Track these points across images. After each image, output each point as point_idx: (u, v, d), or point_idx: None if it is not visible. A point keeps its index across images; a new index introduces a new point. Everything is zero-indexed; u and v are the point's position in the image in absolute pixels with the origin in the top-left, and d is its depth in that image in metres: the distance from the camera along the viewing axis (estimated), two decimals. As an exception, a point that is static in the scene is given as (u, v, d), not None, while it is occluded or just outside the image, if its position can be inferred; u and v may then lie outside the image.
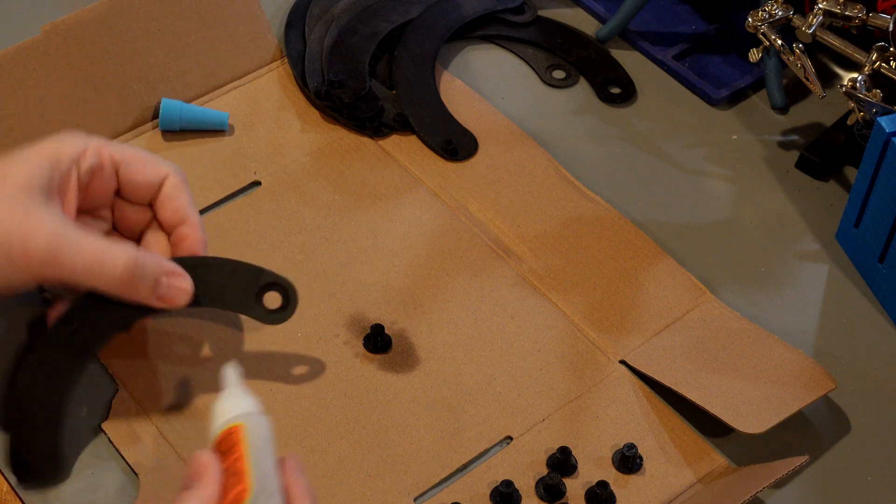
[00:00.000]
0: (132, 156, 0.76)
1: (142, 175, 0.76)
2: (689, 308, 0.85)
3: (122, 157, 0.76)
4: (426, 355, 0.82)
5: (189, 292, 0.74)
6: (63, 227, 0.71)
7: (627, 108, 0.99)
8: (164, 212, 0.77)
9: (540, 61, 1.02)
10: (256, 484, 0.60)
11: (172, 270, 0.73)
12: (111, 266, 0.71)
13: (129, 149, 0.77)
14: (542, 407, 0.79)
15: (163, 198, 0.77)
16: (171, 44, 0.93)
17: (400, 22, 1.00)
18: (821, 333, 0.85)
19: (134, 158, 0.76)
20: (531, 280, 0.86)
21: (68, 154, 0.74)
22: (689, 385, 0.79)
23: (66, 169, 0.73)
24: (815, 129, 0.97)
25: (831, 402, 0.81)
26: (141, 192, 0.77)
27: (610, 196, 0.91)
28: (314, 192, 0.90)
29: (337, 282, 0.85)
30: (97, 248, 0.71)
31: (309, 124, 0.94)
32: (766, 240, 0.90)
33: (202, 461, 0.62)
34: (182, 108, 0.92)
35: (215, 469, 0.62)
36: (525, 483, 0.76)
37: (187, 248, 0.76)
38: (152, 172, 0.77)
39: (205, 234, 0.77)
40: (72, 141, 0.75)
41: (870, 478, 0.78)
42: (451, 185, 0.91)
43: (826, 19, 0.95)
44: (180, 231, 0.77)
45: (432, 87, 0.97)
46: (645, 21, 1.04)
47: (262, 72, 0.97)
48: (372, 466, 0.76)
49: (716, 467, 0.77)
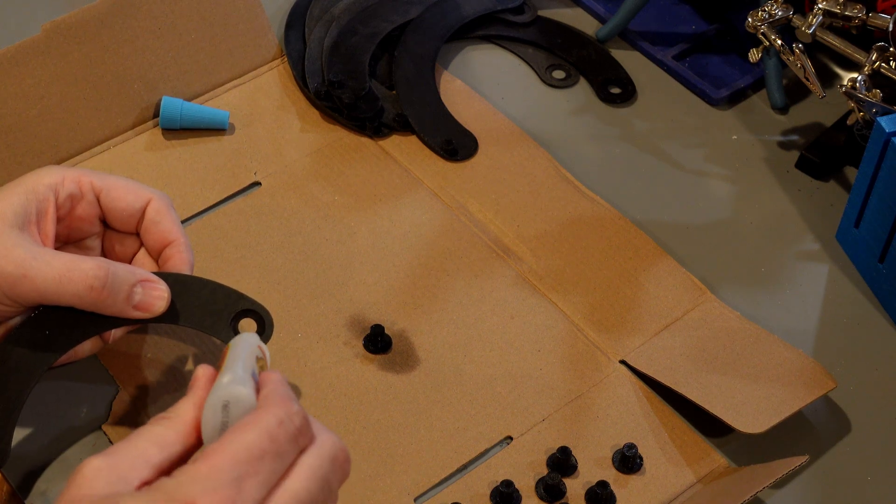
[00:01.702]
0: (114, 183, 0.77)
1: (124, 201, 0.76)
2: (689, 308, 0.85)
3: (103, 185, 0.76)
4: (426, 355, 0.82)
5: (165, 298, 0.73)
6: (32, 249, 0.71)
7: (627, 108, 0.99)
8: (150, 236, 0.77)
9: (540, 61, 1.02)
10: (227, 371, 0.62)
11: (146, 278, 0.73)
12: (80, 276, 0.71)
13: (111, 177, 0.77)
14: (542, 407, 0.79)
15: (147, 223, 0.77)
16: (171, 43, 0.93)
17: (400, 22, 1.00)
18: (821, 333, 0.85)
19: (116, 185, 0.77)
20: (531, 280, 0.86)
21: (46, 183, 0.74)
22: (689, 385, 0.79)
23: (42, 197, 0.74)
24: (815, 129, 0.97)
25: (831, 402, 0.81)
26: (125, 219, 0.77)
27: (610, 196, 0.91)
28: (314, 192, 0.90)
29: (337, 282, 0.85)
30: (65, 261, 0.71)
31: (309, 124, 0.94)
32: (766, 240, 0.90)
33: (197, 373, 0.64)
34: (183, 107, 0.92)
35: (207, 376, 0.64)
36: (525, 483, 0.76)
37: (172, 269, 0.76)
38: (134, 198, 0.77)
39: (191, 255, 0.77)
40: (50, 171, 0.75)
41: (870, 478, 0.78)
42: (451, 185, 0.91)
43: (826, 19, 0.95)
44: (166, 252, 0.77)
45: (432, 87, 0.97)
46: (645, 21, 1.04)
47: (263, 71, 0.97)
48: (372, 466, 0.76)
49: (716, 467, 0.77)
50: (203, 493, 0.56)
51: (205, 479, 0.57)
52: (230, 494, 0.57)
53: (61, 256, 0.71)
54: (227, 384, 0.61)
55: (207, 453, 0.58)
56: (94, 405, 0.78)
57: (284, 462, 0.60)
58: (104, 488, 0.58)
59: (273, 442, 0.59)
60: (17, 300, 0.72)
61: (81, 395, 0.78)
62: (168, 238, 0.76)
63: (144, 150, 0.92)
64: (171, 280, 0.74)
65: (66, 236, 0.77)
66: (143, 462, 0.59)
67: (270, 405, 0.60)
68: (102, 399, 0.78)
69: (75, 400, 0.78)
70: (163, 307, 0.73)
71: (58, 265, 0.71)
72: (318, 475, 0.60)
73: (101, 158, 0.91)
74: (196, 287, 0.75)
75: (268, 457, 0.59)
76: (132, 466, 0.59)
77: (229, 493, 0.57)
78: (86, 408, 0.78)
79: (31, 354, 0.73)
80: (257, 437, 0.59)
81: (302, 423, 0.60)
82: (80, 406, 0.78)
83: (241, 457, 0.58)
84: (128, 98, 0.92)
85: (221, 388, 0.61)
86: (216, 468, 0.57)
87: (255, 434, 0.59)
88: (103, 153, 0.91)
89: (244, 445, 0.58)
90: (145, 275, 0.73)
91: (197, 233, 0.87)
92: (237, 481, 0.57)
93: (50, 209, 0.74)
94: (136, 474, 0.59)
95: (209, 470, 0.57)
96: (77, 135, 0.90)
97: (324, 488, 0.60)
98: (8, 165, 0.88)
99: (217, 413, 0.61)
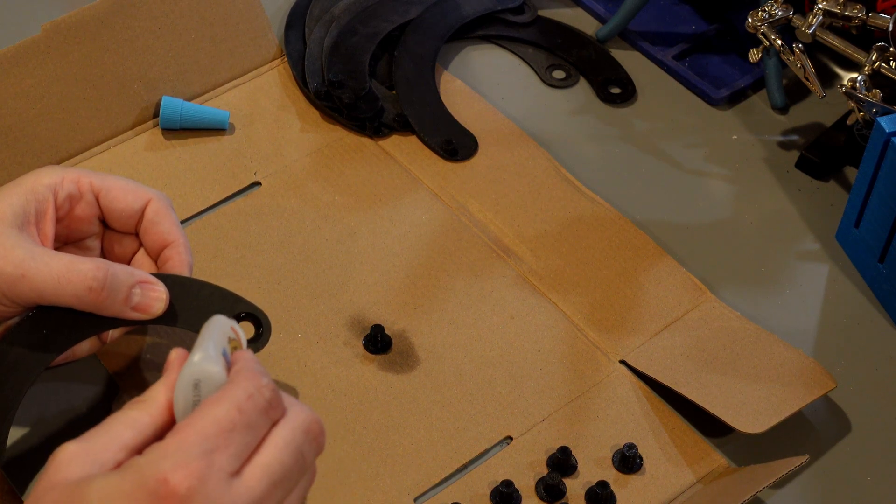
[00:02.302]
0: (113, 183, 0.77)
1: (123, 202, 0.76)
2: (689, 308, 0.85)
3: (103, 185, 0.76)
4: (426, 355, 0.82)
5: (164, 300, 0.73)
6: (31, 249, 0.71)
7: (627, 108, 0.99)
8: (149, 237, 0.77)
9: (540, 61, 1.02)
10: (197, 350, 0.62)
11: (145, 279, 0.73)
12: (79, 277, 0.71)
13: (110, 177, 0.77)
14: (542, 407, 0.79)
15: (146, 224, 0.77)
16: (171, 42, 0.93)
17: (400, 22, 1.00)
18: (821, 333, 0.85)
19: (115, 186, 0.77)
20: (531, 280, 0.86)
21: (45, 183, 0.74)
22: (689, 385, 0.79)
23: (42, 198, 0.74)
24: (815, 129, 0.97)
25: (831, 402, 0.81)
26: (124, 219, 0.77)
27: (610, 196, 0.91)
28: (314, 192, 0.90)
29: (337, 282, 0.85)
30: (64, 262, 0.71)
31: (309, 124, 0.94)
32: (766, 240, 0.90)
33: (170, 356, 0.64)
34: (183, 107, 0.92)
35: (179, 358, 0.64)
36: (525, 483, 0.76)
37: (171, 270, 0.76)
38: (133, 198, 0.76)
39: (191, 257, 0.77)
40: (49, 172, 0.75)
41: (870, 478, 0.78)
42: (451, 185, 0.91)
43: (826, 19, 0.95)
44: (165, 254, 0.77)
45: (432, 87, 0.97)
46: (645, 21, 1.04)
47: (263, 71, 0.97)
48: (372, 466, 0.76)
49: (716, 467, 0.77)
50: (173, 467, 0.57)
51: (174, 454, 0.57)
52: (200, 467, 0.57)
53: (60, 257, 0.71)
54: (198, 362, 0.61)
55: (177, 429, 0.59)
56: (94, 405, 0.78)
57: (256, 435, 0.60)
58: (78, 472, 0.58)
59: (242, 414, 0.59)
60: (16, 300, 0.71)
61: (80, 395, 0.78)
62: (167, 239, 0.76)
63: (144, 150, 0.92)
64: (170, 282, 0.74)
65: (66, 236, 0.77)
66: (117, 444, 0.60)
67: (240, 380, 0.61)
68: (102, 399, 0.78)
69: (74, 400, 0.78)
70: (161, 309, 0.73)
71: (56, 266, 0.71)
72: (291, 447, 0.60)
73: (101, 158, 0.91)
74: (195, 289, 0.75)
75: (238, 430, 0.59)
76: (105, 449, 0.59)
77: (199, 466, 0.57)
78: (85, 408, 0.78)
79: (29, 354, 0.73)
80: (226, 411, 0.59)
81: (272, 397, 0.61)
82: (78, 406, 0.78)
83: (210, 430, 0.58)
84: (128, 98, 0.92)
85: (192, 367, 0.61)
86: (186, 442, 0.58)
87: (224, 408, 0.59)
88: (103, 153, 0.91)
89: (213, 419, 0.59)
90: (144, 276, 0.73)
91: (197, 233, 0.87)
92: (207, 454, 0.58)
93: (49, 209, 0.74)
94: (110, 456, 0.59)
95: (178, 444, 0.58)
96: (77, 135, 0.90)
97: (298, 460, 0.61)
98: (8, 165, 0.88)
99: (188, 392, 0.61)
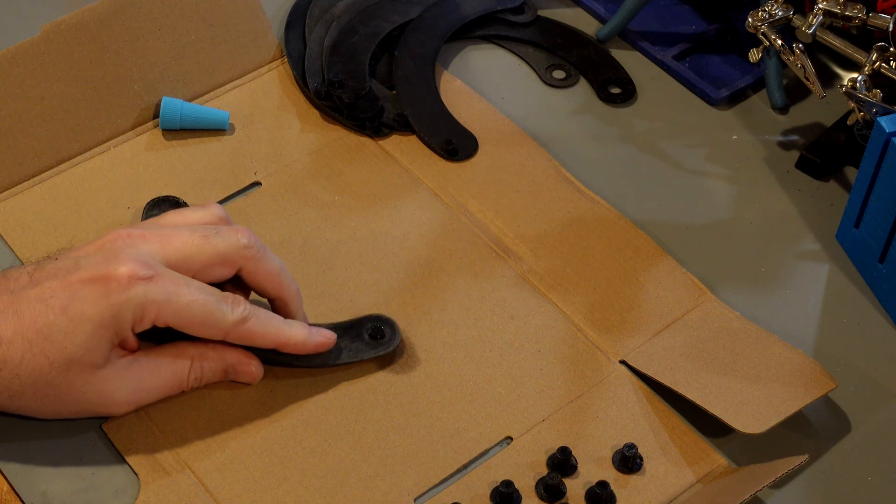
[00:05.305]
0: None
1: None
2: (689, 308, 0.85)
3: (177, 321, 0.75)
4: (426, 355, 0.82)
5: (258, 375, 0.78)
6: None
7: (627, 108, 0.99)
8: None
9: (540, 61, 1.02)
10: None
11: (238, 361, 0.77)
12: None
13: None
14: (542, 407, 0.79)
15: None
16: (171, 43, 0.93)
17: (400, 22, 1.00)
18: (821, 333, 0.85)
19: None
20: (531, 280, 0.86)
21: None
22: (689, 385, 0.79)
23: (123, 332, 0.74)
24: (815, 129, 0.97)
25: (831, 402, 0.81)
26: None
27: (610, 196, 0.91)
28: (314, 192, 0.90)
29: (337, 282, 0.85)
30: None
31: (309, 124, 0.94)
32: (766, 240, 0.90)
33: None
34: (183, 107, 0.92)
35: None
36: (525, 483, 0.76)
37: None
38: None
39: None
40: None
41: (870, 478, 0.78)
42: (451, 185, 0.91)
43: (826, 19, 0.95)
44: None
45: (432, 87, 0.97)
46: (645, 21, 1.04)
47: (263, 71, 0.97)
48: (372, 467, 0.76)
49: (716, 467, 0.77)
50: None
51: None
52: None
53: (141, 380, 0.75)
54: None
55: None
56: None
57: None
58: None
59: None
60: None
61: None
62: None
63: (144, 151, 0.92)
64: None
65: None
66: None
67: None
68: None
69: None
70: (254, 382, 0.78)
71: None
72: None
73: (102, 159, 0.91)
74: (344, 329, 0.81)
75: None
76: None
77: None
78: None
79: None
80: None
81: None
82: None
83: None
84: (128, 98, 0.92)
85: None
86: None
87: None
88: (103, 154, 0.91)
89: None
90: (236, 358, 0.77)
91: (197, 233, 0.87)
92: None
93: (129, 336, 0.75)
94: None
95: None
96: (77, 135, 0.90)
97: None
98: (8, 166, 0.88)
99: None
